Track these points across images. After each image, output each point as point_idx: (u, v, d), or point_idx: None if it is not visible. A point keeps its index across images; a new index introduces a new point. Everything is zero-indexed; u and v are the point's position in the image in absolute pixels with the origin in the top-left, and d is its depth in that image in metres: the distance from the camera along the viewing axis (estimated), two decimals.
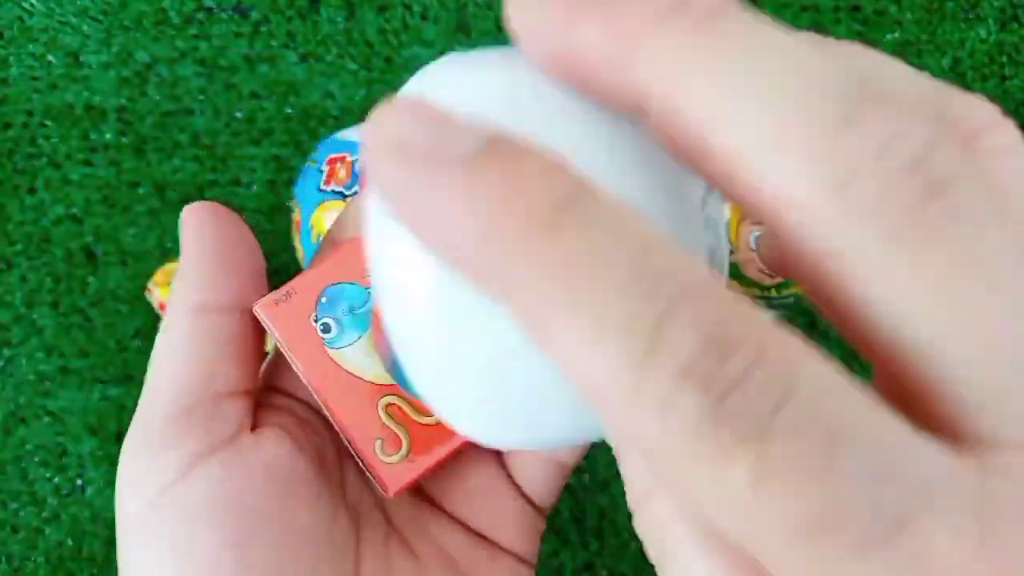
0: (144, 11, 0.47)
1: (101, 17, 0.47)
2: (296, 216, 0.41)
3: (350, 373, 0.21)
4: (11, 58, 0.47)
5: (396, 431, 0.20)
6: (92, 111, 0.47)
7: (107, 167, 0.47)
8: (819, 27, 0.46)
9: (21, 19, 0.47)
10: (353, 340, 0.21)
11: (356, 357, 0.21)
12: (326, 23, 0.47)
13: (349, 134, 0.41)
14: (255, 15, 0.47)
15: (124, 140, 0.47)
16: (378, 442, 0.20)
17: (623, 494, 0.46)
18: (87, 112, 0.47)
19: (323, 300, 0.20)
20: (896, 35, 0.47)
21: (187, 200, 0.47)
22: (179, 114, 0.47)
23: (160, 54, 0.47)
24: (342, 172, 0.39)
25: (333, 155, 0.40)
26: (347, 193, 0.39)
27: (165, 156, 0.47)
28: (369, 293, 0.20)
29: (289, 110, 0.47)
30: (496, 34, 0.46)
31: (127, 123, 0.47)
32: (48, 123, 0.47)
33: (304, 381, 0.21)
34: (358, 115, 0.47)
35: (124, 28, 0.47)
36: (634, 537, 0.45)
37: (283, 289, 0.21)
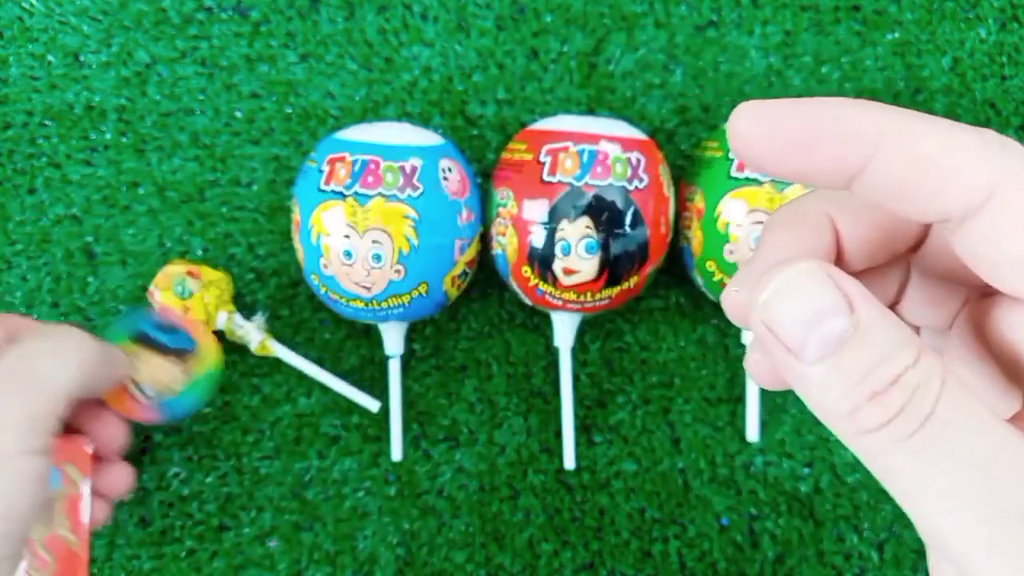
0: (144, 11, 0.47)
1: (101, 17, 0.47)
2: (296, 216, 0.41)
3: None
4: (11, 58, 0.47)
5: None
6: (92, 111, 0.47)
7: (107, 167, 0.47)
8: (819, 27, 0.46)
9: (21, 19, 0.47)
10: None
11: None
12: (326, 23, 0.47)
13: (349, 134, 0.41)
14: (255, 15, 0.47)
15: (124, 140, 0.47)
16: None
17: (623, 494, 0.46)
18: (87, 112, 0.47)
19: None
20: (896, 35, 0.47)
21: (187, 200, 0.47)
22: (179, 114, 0.47)
23: (160, 54, 0.47)
24: (342, 172, 0.39)
25: (333, 155, 0.40)
26: (347, 193, 0.39)
27: (165, 156, 0.47)
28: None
29: (289, 110, 0.47)
30: (495, 34, 0.46)
31: (127, 123, 0.47)
32: (48, 123, 0.47)
33: None
34: (358, 115, 0.47)
35: (124, 28, 0.47)
36: (634, 537, 0.45)
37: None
